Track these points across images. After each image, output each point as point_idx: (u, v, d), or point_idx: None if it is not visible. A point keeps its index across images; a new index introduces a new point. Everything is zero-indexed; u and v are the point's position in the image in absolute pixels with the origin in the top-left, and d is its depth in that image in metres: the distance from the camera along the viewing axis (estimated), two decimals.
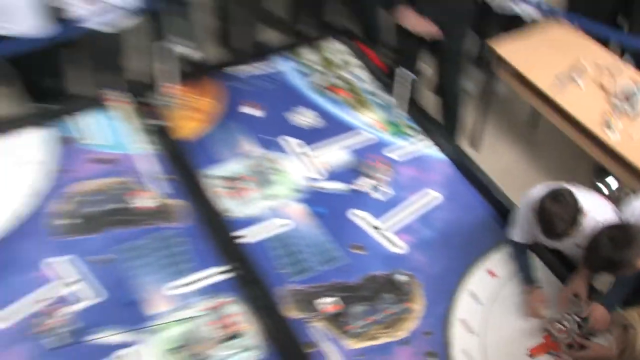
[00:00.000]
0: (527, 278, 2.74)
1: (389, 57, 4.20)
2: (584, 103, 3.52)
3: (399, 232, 3.02)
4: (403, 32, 3.76)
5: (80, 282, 2.72)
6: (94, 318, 2.60)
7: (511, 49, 3.88)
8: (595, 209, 2.55)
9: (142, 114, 3.45)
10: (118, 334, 2.57)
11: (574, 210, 2.43)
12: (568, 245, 2.64)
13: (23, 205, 3.00)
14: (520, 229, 2.77)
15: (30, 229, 2.92)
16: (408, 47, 3.88)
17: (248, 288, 2.74)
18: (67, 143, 3.31)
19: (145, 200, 3.04)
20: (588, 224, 2.46)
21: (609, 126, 3.34)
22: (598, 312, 2.49)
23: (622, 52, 4.11)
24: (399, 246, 2.95)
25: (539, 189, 2.61)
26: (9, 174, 3.14)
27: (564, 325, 2.54)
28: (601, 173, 3.96)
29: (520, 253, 2.82)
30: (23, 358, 2.46)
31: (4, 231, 2.88)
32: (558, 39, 3.95)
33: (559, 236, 2.46)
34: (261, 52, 4.09)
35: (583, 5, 4.06)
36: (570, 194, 2.47)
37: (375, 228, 3.02)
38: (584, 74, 3.66)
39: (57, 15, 3.78)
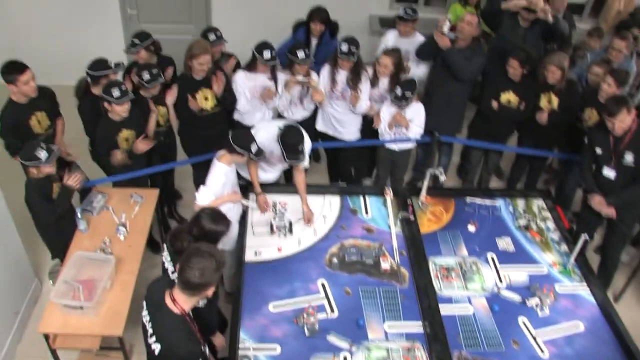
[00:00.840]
0: None
1: (572, 219, 5.33)
2: None
3: (547, 343, 3.84)
4: (589, 207, 4.84)
5: (329, 300, 3.98)
6: (332, 326, 3.81)
7: None
8: None
9: (402, 208, 4.75)
10: (345, 341, 3.72)
11: None
12: None
13: (312, 241, 4.45)
14: None
15: (313, 255, 4.33)
16: (590, 218, 4.94)
17: (434, 343, 3.70)
18: (351, 212, 4.76)
19: (386, 263, 4.26)
20: None
21: None
22: None
23: None
24: (544, 352, 3.79)
25: None
26: (315, 220, 4.63)
27: None
28: None
29: None
30: (286, 333, 3.72)
31: (298, 251, 4.34)
32: None
33: None
34: (488, 192, 5.30)
35: None
36: None
37: (531, 334, 3.90)
38: None
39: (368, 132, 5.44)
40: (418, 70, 5.70)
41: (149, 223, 4.66)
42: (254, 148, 4.12)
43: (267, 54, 4.91)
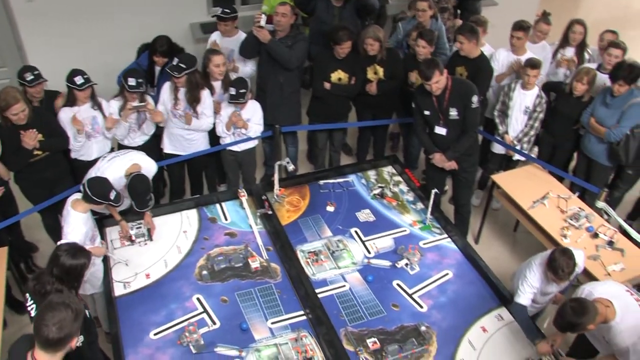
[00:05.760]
0: (530, 330, 3.80)
1: (423, 178, 5.62)
2: (548, 218, 4.84)
3: (423, 297, 4.08)
4: (433, 165, 5.10)
5: (208, 313, 3.93)
6: (217, 337, 3.77)
7: (505, 179, 5.33)
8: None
9: (259, 205, 4.74)
10: (233, 349, 3.71)
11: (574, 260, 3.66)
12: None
13: (178, 259, 4.34)
14: (525, 294, 3.82)
15: (182, 273, 4.22)
16: (435, 174, 5.20)
17: (319, 327, 3.79)
18: (210, 221, 4.69)
19: (256, 262, 4.26)
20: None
21: (564, 235, 4.62)
22: None
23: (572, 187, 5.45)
24: (422, 306, 4.01)
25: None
26: (176, 238, 4.52)
27: None
28: None
29: (523, 313, 3.84)
30: (173, 356, 3.63)
31: (167, 272, 4.21)
32: (535, 176, 5.36)
33: (568, 275, 3.65)
34: (339, 170, 5.44)
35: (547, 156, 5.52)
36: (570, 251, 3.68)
37: (407, 293, 4.10)
38: (549, 200, 5.00)
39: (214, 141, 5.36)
40: (246, 69, 5.70)
41: (3, 284, 4.30)
42: (112, 195, 3.93)
43: (79, 80, 4.67)
